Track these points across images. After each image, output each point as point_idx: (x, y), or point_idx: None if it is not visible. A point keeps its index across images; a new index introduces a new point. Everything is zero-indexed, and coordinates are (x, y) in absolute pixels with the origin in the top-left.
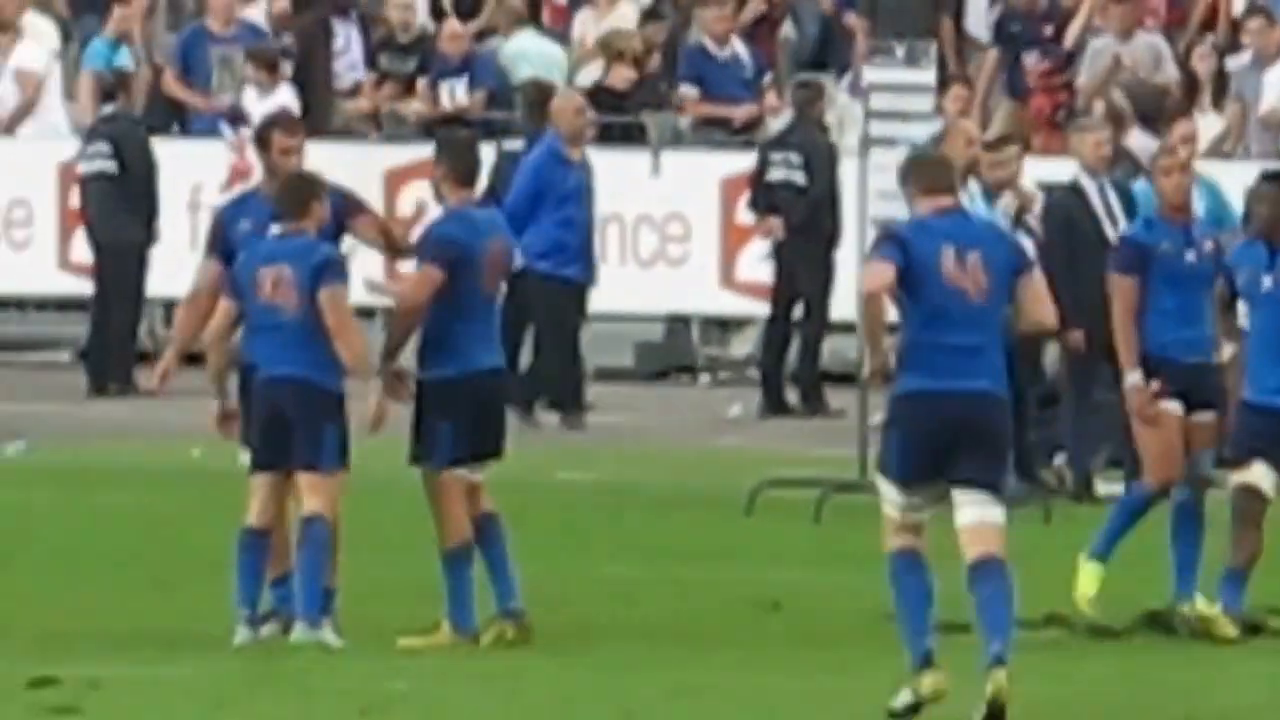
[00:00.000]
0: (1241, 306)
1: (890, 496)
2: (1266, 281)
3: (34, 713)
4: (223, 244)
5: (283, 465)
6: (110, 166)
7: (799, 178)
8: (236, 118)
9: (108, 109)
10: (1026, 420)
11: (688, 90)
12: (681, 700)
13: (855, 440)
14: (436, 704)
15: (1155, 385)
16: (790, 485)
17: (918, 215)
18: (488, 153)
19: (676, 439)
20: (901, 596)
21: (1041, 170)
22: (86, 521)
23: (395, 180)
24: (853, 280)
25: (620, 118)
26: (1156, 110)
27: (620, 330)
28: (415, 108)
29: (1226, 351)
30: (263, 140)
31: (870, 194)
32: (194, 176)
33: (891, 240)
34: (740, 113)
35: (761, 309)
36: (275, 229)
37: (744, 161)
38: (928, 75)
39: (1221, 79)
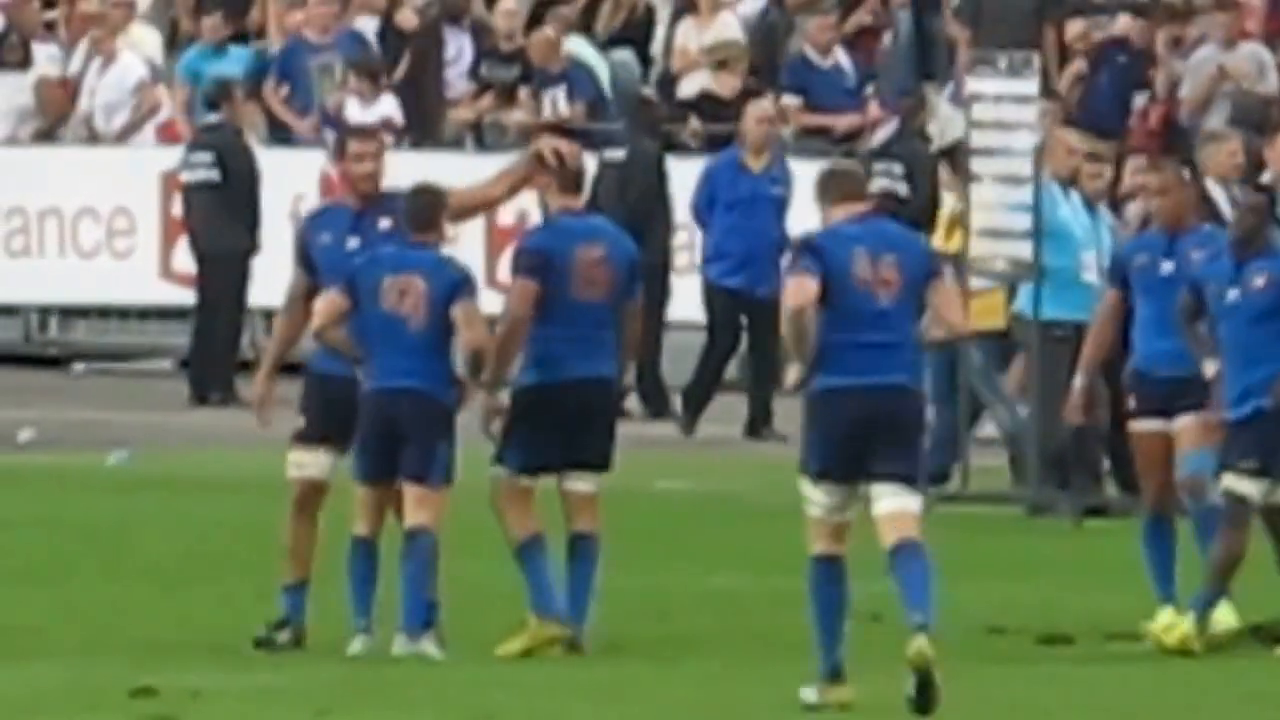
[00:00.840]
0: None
1: (814, 498)
2: (1232, 294)
3: None
4: (305, 258)
5: (391, 478)
6: (214, 176)
7: (901, 188)
8: (340, 128)
9: (211, 118)
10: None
11: (790, 100)
12: (786, 713)
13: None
14: (538, 715)
15: (1131, 403)
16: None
17: (832, 223)
18: (590, 163)
19: (777, 449)
20: (817, 605)
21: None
22: (187, 531)
23: None
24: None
25: (724, 126)
26: (1262, 121)
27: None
28: (517, 117)
29: (1209, 368)
30: (340, 149)
31: (972, 204)
32: (296, 186)
33: (809, 251)
34: (842, 123)
35: None
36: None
37: None
38: (1030, 85)
39: None
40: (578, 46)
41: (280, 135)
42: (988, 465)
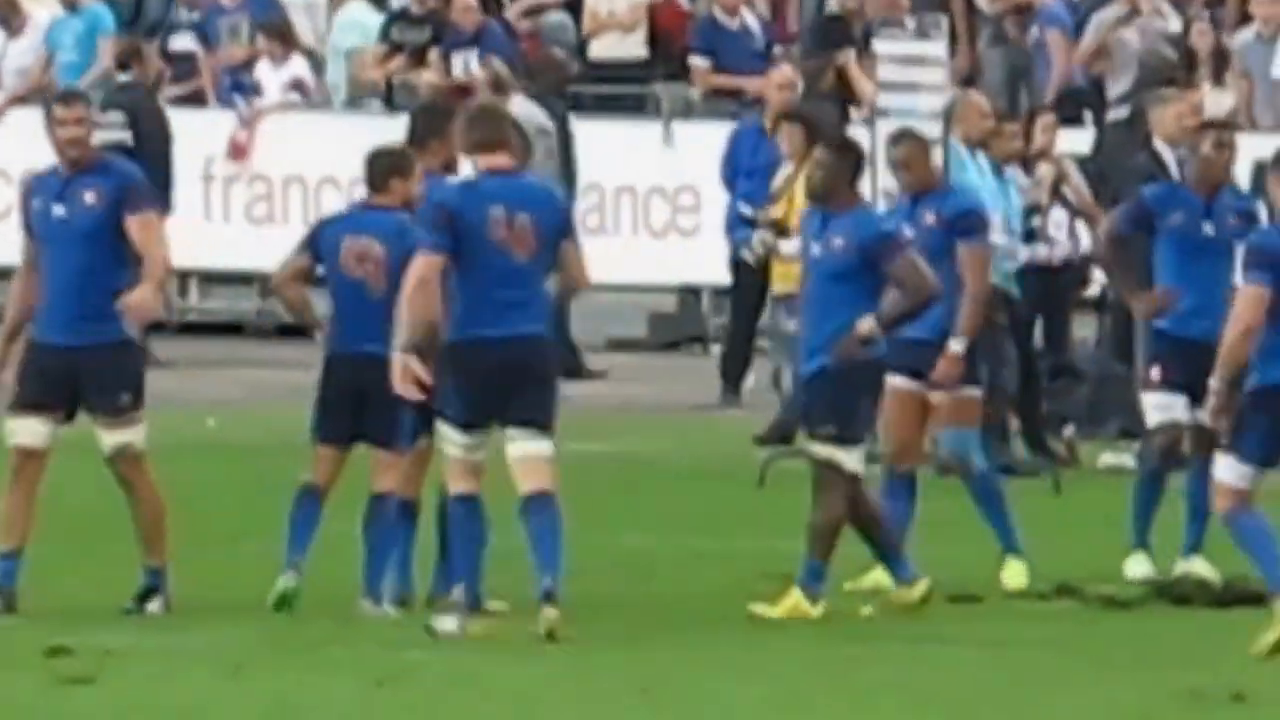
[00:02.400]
0: None
1: (452, 438)
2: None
3: (49, 682)
4: (25, 217)
5: (350, 441)
6: (125, 136)
7: None
8: (250, 90)
9: (123, 78)
10: (1037, 392)
11: (699, 61)
12: (696, 672)
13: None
14: (452, 674)
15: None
16: (803, 456)
17: (470, 175)
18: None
19: (689, 410)
20: (458, 541)
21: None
22: (99, 493)
23: None
24: None
25: (632, 89)
26: (1168, 83)
27: (633, 300)
28: (427, 78)
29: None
30: (47, 116)
31: (880, 166)
32: (207, 148)
33: (439, 223)
34: (751, 84)
35: None
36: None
37: None
38: (938, 48)
39: (1220, 55)
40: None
41: (191, 98)
42: None
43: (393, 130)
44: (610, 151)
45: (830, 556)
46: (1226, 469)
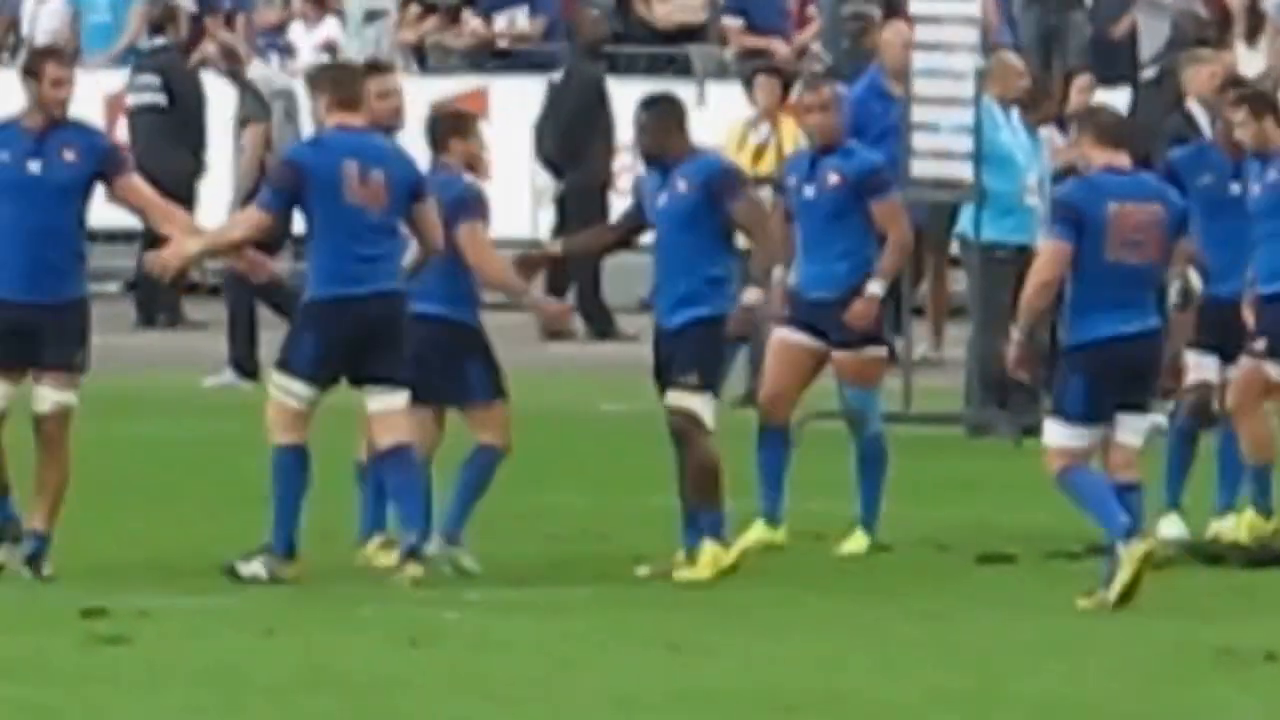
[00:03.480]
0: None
1: (297, 390)
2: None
3: (85, 643)
4: None
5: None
6: (160, 99)
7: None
8: (284, 50)
9: (157, 41)
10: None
11: (731, 22)
12: (726, 630)
13: (900, 372)
14: (484, 634)
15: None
16: (835, 417)
17: (323, 129)
18: (538, 85)
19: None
20: (284, 488)
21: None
22: (136, 452)
23: None
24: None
25: (666, 49)
26: (1200, 43)
27: None
28: (467, 38)
29: None
30: (32, 71)
31: (913, 124)
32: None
33: (280, 186)
34: (781, 45)
35: None
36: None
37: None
38: (972, 7)
39: (1255, 14)
40: None
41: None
42: (932, 386)
43: (423, 92)
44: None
45: (723, 500)
46: (1052, 431)
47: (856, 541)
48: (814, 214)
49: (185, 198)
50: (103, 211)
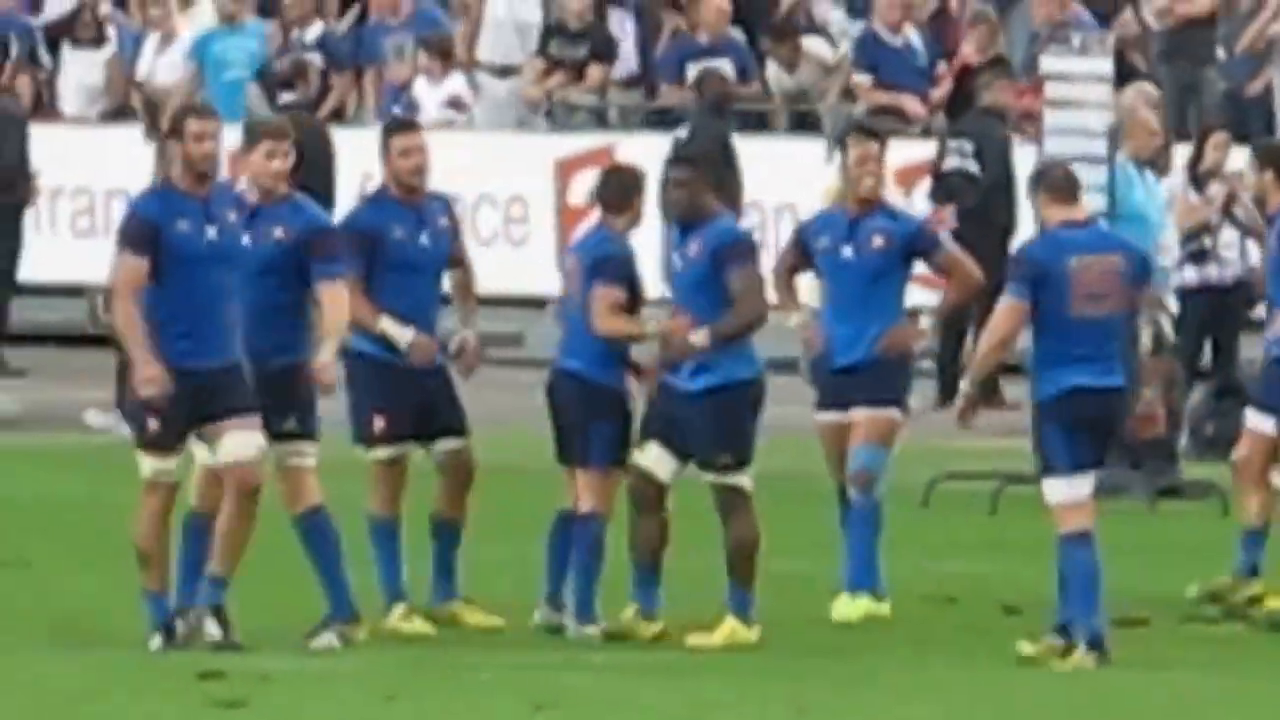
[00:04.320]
0: None
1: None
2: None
3: (204, 706)
4: (151, 237)
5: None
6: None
7: (972, 166)
8: (409, 106)
9: (286, 98)
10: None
11: (861, 78)
12: (855, 692)
13: (1030, 432)
14: (610, 698)
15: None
16: (966, 477)
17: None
18: (663, 142)
19: None
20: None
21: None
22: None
23: (566, 170)
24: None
25: (797, 106)
26: None
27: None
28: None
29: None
30: (176, 128)
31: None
32: (366, 165)
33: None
34: (913, 102)
35: (935, 299)
36: None
37: (918, 150)
38: (1104, 64)
39: None
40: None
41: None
42: None
43: (550, 149)
44: (773, 169)
45: (754, 578)
46: (1052, 490)
47: (850, 606)
48: (852, 276)
49: None
50: None
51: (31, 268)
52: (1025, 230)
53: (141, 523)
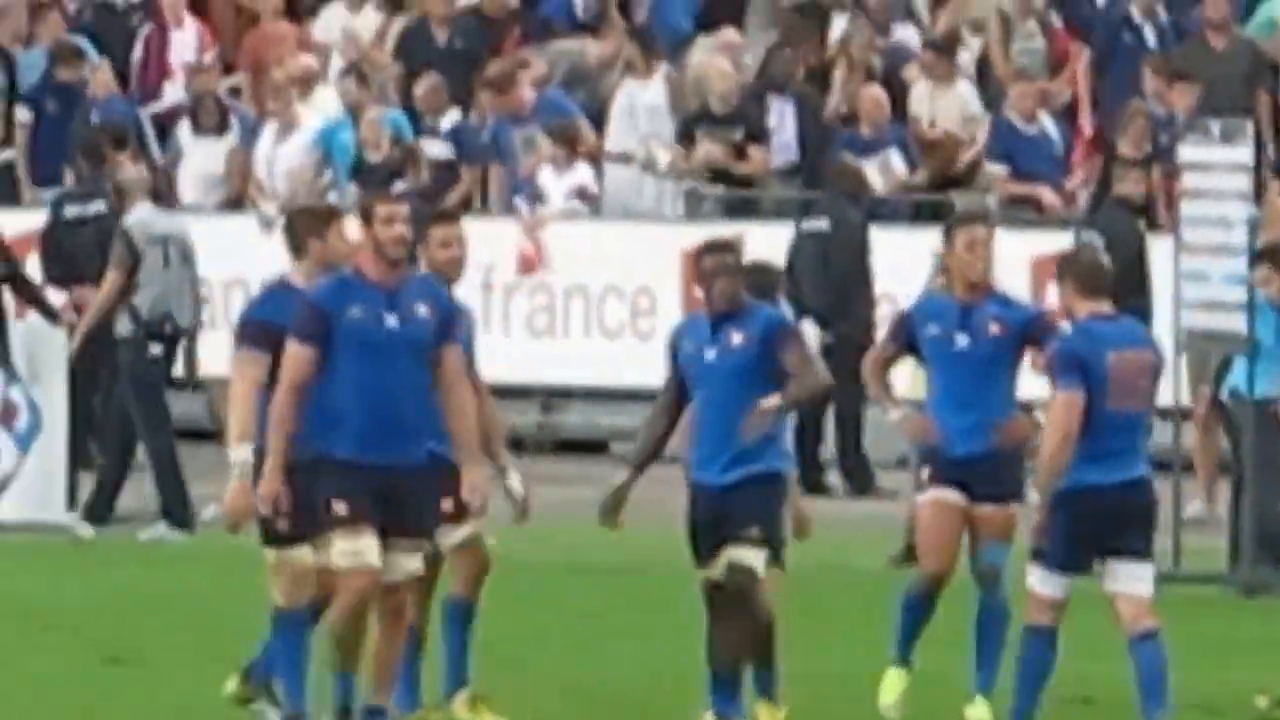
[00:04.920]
0: None
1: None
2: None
3: None
4: (317, 325)
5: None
6: None
7: (1105, 259)
8: (535, 197)
9: (397, 186)
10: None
11: (995, 168)
12: None
13: (1168, 530)
14: None
15: None
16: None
17: None
18: (785, 232)
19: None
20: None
21: None
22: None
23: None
24: (1166, 364)
25: (929, 196)
26: None
27: None
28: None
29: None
30: (365, 215)
31: (1183, 274)
32: (488, 256)
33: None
34: (1048, 192)
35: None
36: None
37: (1054, 241)
38: (1243, 153)
39: None
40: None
41: (477, 206)
42: (1203, 546)
43: (679, 238)
44: (906, 260)
45: (775, 658)
46: (1033, 579)
47: (980, 710)
48: (968, 364)
49: None
50: None
51: None
52: (1161, 322)
53: (338, 611)
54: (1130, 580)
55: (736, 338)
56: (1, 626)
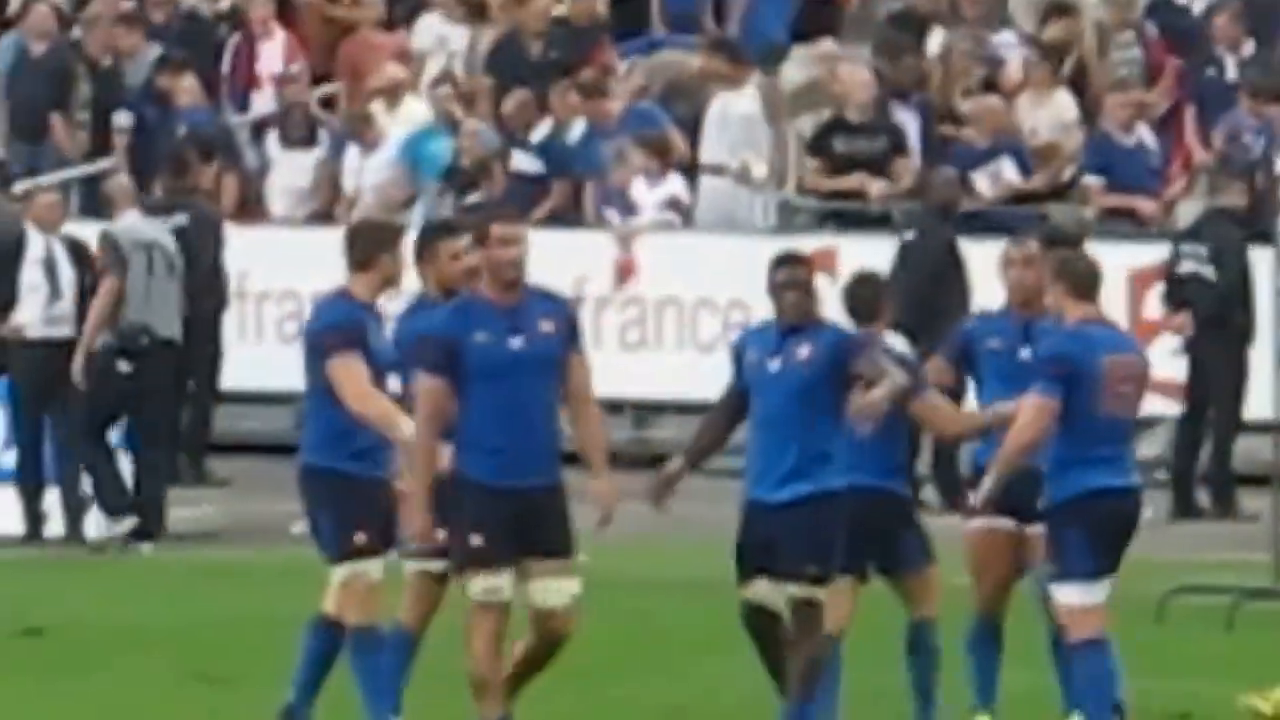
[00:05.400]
0: None
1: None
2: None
3: None
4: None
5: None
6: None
7: (1208, 271)
8: (627, 209)
9: (472, 198)
10: None
11: (1091, 180)
12: None
13: (1269, 544)
14: None
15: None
16: (1202, 591)
17: None
18: (887, 246)
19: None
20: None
21: None
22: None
23: None
24: (1268, 378)
25: (1022, 208)
26: None
27: None
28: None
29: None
30: (480, 236)
31: None
32: (580, 269)
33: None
34: (1146, 204)
35: (1171, 407)
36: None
37: (1151, 253)
38: None
39: None
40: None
41: (568, 218)
42: None
43: (773, 250)
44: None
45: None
46: (1066, 595)
47: None
48: (1025, 381)
49: None
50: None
51: (235, 374)
52: (1264, 337)
53: (474, 647)
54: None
55: (803, 351)
56: (89, 645)
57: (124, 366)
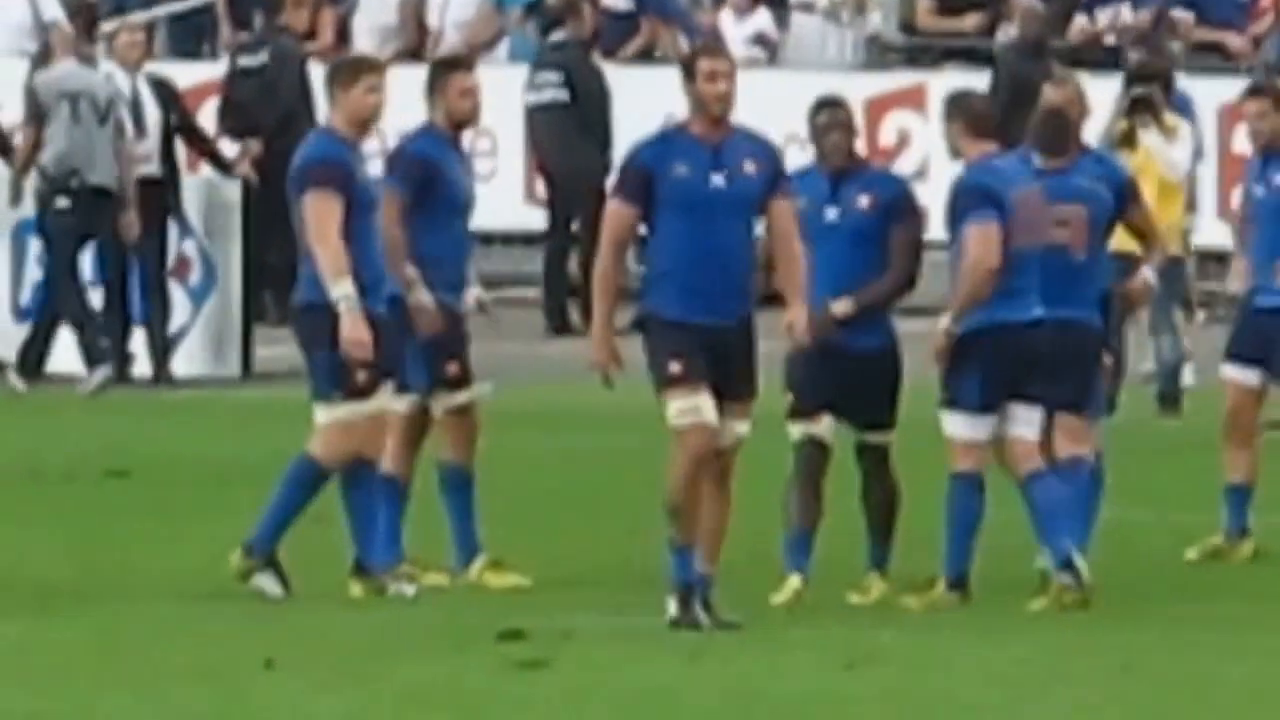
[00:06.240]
0: None
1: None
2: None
3: (503, 667)
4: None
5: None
6: (562, 95)
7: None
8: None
9: (557, 35)
10: None
11: (1182, 15)
12: (1180, 652)
13: None
14: (924, 656)
15: None
16: None
17: None
18: (978, 80)
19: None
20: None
21: None
22: (554, 465)
23: (877, 110)
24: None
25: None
26: None
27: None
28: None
29: None
30: (688, 71)
31: None
32: (667, 105)
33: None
34: (1235, 38)
35: None
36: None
37: (1239, 88)
38: None
39: None
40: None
41: (657, 55)
42: None
43: (860, 87)
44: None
45: (895, 531)
46: (952, 426)
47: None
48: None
49: (595, 201)
50: (519, 213)
51: None
52: None
53: (671, 474)
54: (1020, 424)
55: (863, 201)
56: (178, 484)
57: (62, 202)
